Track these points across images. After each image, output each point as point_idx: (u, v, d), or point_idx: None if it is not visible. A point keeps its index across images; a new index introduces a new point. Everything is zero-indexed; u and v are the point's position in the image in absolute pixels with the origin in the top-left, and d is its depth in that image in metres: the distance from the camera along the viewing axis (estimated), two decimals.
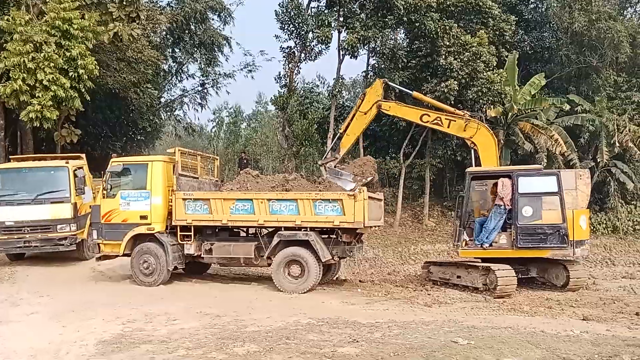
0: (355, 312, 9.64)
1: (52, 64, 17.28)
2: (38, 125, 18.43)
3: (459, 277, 12.84)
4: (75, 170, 14.48)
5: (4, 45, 17.88)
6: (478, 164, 14.00)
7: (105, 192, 12.49)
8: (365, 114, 14.56)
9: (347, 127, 14.95)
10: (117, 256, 12.62)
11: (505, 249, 12.52)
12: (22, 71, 17.19)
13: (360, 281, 14.33)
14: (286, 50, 26.94)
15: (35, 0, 18.79)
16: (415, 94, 16.00)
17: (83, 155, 16.26)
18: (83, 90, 18.60)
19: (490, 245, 12.54)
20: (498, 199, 12.50)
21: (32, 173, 14.68)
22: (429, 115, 14.46)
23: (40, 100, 17.37)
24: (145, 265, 12.13)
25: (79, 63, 17.88)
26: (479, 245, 12.64)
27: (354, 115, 14.82)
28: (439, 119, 14.31)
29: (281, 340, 7.43)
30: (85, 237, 14.38)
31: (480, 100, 21.17)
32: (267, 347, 7.06)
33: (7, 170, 15.13)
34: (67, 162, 14.61)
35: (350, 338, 7.53)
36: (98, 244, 12.55)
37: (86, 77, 18.34)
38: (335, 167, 14.11)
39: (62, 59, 17.55)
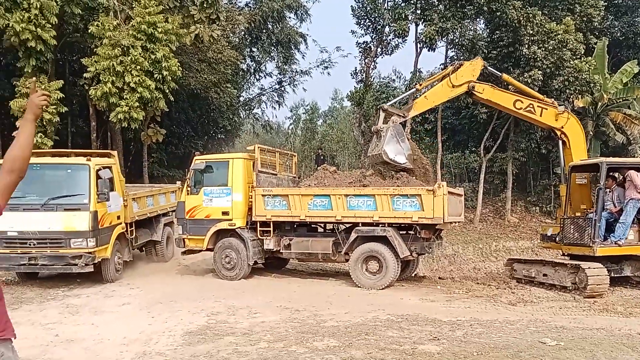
0: (435, 309, 9.45)
1: (138, 67, 18.12)
2: (126, 125, 19.43)
3: (545, 275, 12.29)
4: (100, 170, 11.44)
5: (95, 50, 18.91)
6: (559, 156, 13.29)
7: (189, 188, 12.90)
8: (454, 87, 13.47)
9: (427, 88, 14.03)
10: (200, 251, 13.04)
11: (635, 245, 11.79)
12: (111, 74, 18.13)
13: (439, 278, 14.05)
14: (362, 46, 26.89)
15: (122, 6, 19.73)
16: (505, 76, 14.85)
17: (114, 153, 13.63)
18: (167, 91, 19.39)
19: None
20: (635, 192, 11.74)
21: (44, 171, 11.53)
22: (522, 102, 13.57)
23: (127, 101, 18.27)
24: (227, 260, 12.46)
25: (163, 65, 18.65)
26: (615, 242, 11.76)
27: (441, 79, 13.68)
28: (531, 106, 13.50)
29: (360, 335, 7.41)
30: (108, 256, 11.62)
31: (567, 90, 20.22)
32: (346, 342, 7.06)
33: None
34: (88, 159, 11.61)
35: (431, 335, 7.39)
36: (183, 239, 12.99)
37: (170, 79, 19.11)
38: (400, 124, 13.10)
39: (148, 62, 18.36)
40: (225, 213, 12.56)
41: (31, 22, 17.34)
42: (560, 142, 13.73)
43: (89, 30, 19.06)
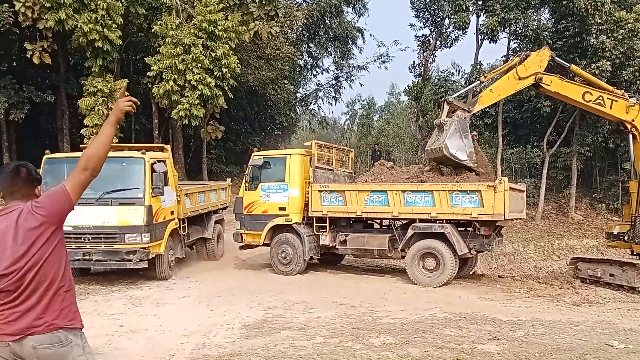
0: (494, 308, 9.24)
1: (199, 65, 18.56)
2: (187, 122, 19.94)
3: (612, 275, 11.80)
4: (154, 164, 11.21)
5: (157, 49, 19.50)
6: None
7: (247, 184, 13.09)
8: (520, 79, 13.00)
9: (491, 80, 13.63)
10: (257, 246, 13.23)
11: None
12: (173, 72, 18.65)
13: (499, 276, 13.72)
14: (421, 39, 26.59)
15: (184, 5, 20.25)
16: (573, 67, 14.09)
17: (168, 147, 13.42)
18: (226, 89, 19.77)
19: None
20: None
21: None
22: (591, 94, 12.97)
23: (188, 99, 18.75)
24: (283, 255, 12.60)
25: (222, 62, 19.03)
26: None
27: (506, 71, 13.29)
28: (601, 98, 12.89)
29: (417, 333, 7.33)
30: (162, 252, 11.40)
31: (638, 82, 19.23)
32: (402, 339, 7.00)
33: (67, 160, 11.67)
34: (143, 153, 11.38)
35: (490, 335, 7.23)
36: (241, 234, 13.21)
37: (229, 76, 19.48)
38: (465, 119, 12.61)
39: (208, 60, 18.77)
40: (282, 209, 12.68)
41: (98, 22, 18.05)
42: (630, 135, 13.08)
43: (153, 30, 19.67)
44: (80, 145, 14.76)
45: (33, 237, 2.80)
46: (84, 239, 10.67)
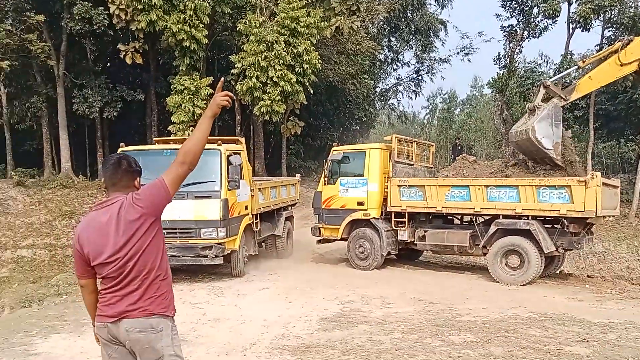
0: (583, 309, 8.80)
1: (281, 61, 18.88)
2: (268, 118, 20.36)
3: None
4: (230, 156, 10.83)
5: (241, 46, 20.02)
6: None
7: (326, 179, 13.20)
8: (622, 66, 12.04)
9: (590, 66, 12.81)
10: (335, 240, 13.31)
11: None
12: (256, 69, 19.09)
13: (588, 276, 13.03)
14: (507, 29, 25.73)
15: (268, 2, 20.67)
16: None
17: (242, 140, 12.98)
18: (307, 84, 19.98)
19: None
20: None
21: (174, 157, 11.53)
22: None
23: (270, 95, 19.13)
24: (360, 250, 12.60)
25: (304, 59, 19.26)
26: None
27: (606, 58, 12.38)
28: None
29: (499, 332, 7.13)
30: (236, 248, 11.06)
31: None
32: (484, 338, 6.83)
33: (144, 152, 11.24)
34: (219, 144, 10.89)
35: (579, 337, 6.90)
36: (319, 228, 13.33)
37: (310, 72, 19.69)
38: (560, 107, 11.99)
39: (290, 56, 19.05)
40: (360, 203, 12.69)
41: (186, 22, 18.81)
42: None
43: (237, 28, 20.23)
44: (154, 139, 14.67)
45: (133, 228, 2.93)
46: None
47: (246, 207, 11.71)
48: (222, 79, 3.97)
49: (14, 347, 6.73)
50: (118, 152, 9.93)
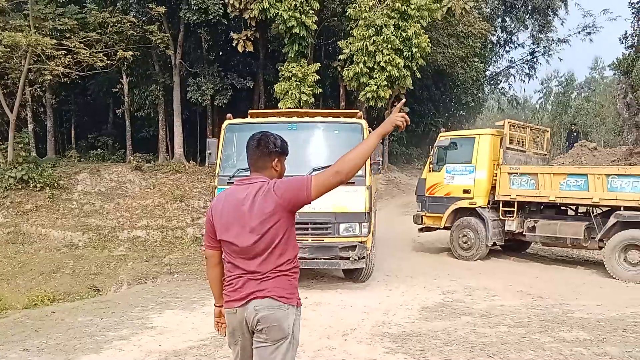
0: None
1: (389, 46, 18.68)
2: (372, 104, 20.27)
3: None
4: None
5: (350, 32, 20.05)
6: None
7: (431, 165, 12.95)
8: None
9: None
10: (437, 229, 13.05)
11: None
12: (364, 54, 19.04)
13: None
14: (636, 6, 23.70)
15: None
16: None
17: (361, 113, 9.83)
18: (415, 69, 19.64)
19: None
20: None
21: (304, 132, 9.00)
22: None
23: (377, 80, 19.02)
24: (464, 240, 12.28)
25: (413, 42, 18.91)
26: None
27: None
28: None
29: (616, 331, 6.67)
30: (368, 247, 8.98)
31: None
32: (598, 336, 6.43)
33: (248, 126, 9.00)
34: (359, 117, 9.14)
35: None
36: (421, 215, 13.14)
37: (419, 56, 19.33)
38: None
39: (399, 40, 18.79)
40: (466, 191, 12.34)
41: (297, 9, 19.14)
42: None
43: (347, 13, 20.27)
44: (249, 112, 10.59)
45: (266, 215, 2.92)
46: None
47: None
48: (404, 100, 3.79)
49: (133, 320, 7.31)
50: (225, 123, 9.01)
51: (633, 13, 24.32)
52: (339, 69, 21.10)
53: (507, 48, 37.03)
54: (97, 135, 28.17)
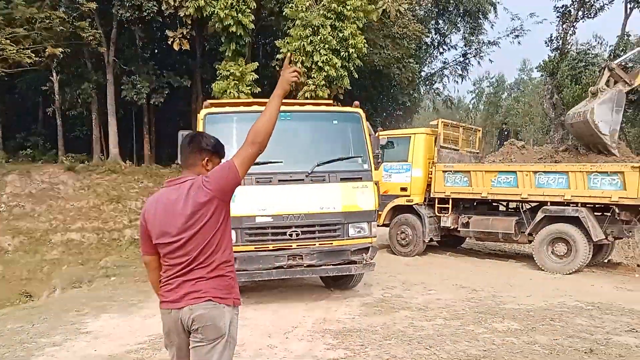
0: (633, 299, 8.54)
1: (326, 46, 18.79)
2: None
3: None
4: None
5: (287, 31, 20.05)
6: None
7: None
8: None
9: None
10: (377, 226, 13.21)
11: None
12: (301, 54, 19.06)
13: (638, 265, 12.61)
14: (561, 10, 24.91)
15: None
16: None
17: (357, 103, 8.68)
18: (352, 69, 19.85)
19: None
20: None
21: (299, 123, 8.02)
22: None
23: (314, 80, 19.10)
24: (402, 236, 12.57)
25: (350, 43, 19.09)
26: None
27: None
28: None
29: (544, 320, 7.02)
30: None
31: None
32: (528, 326, 6.75)
33: (253, 115, 7.21)
34: (356, 106, 8.35)
35: (628, 327, 6.73)
36: None
37: (355, 56, 19.53)
38: (624, 93, 11.62)
39: (335, 40, 18.94)
40: (403, 189, 12.62)
41: (233, 8, 18.94)
42: None
43: (284, 13, 20.24)
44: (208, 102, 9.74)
45: (199, 212, 2.90)
46: (291, 234, 7.39)
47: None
48: (289, 53, 3.85)
49: (66, 325, 7.06)
50: (203, 112, 7.74)
51: (558, 17, 25.55)
52: (278, 68, 21.04)
53: (441, 50, 38.06)
54: (27, 135, 26.89)
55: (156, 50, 26.64)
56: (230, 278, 3.07)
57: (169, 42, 21.27)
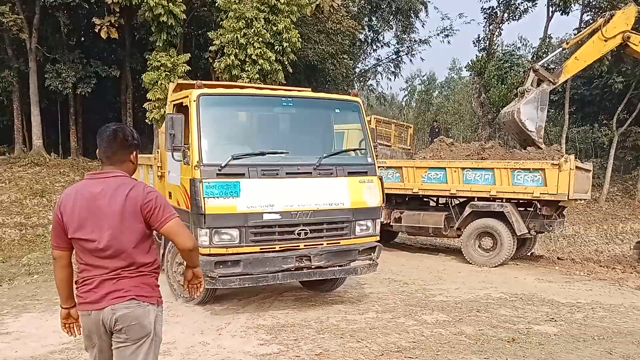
0: (552, 290, 9.02)
1: (260, 39, 18.63)
2: None
3: None
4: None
5: (220, 23, 19.72)
6: None
7: None
8: (606, 41, 12.44)
9: (576, 48, 13.16)
10: None
11: None
12: (235, 47, 18.81)
13: (558, 258, 13.35)
14: (488, 11, 25.80)
15: None
16: None
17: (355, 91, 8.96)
18: (286, 63, 19.79)
19: None
20: None
21: (300, 110, 7.39)
22: None
23: (249, 74, 18.91)
24: None
25: (283, 37, 19.01)
26: None
27: (590, 35, 12.75)
28: None
29: (471, 312, 7.29)
30: None
31: None
32: (456, 317, 6.98)
33: (249, 99, 7.31)
34: (355, 95, 7.93)
35: (548, 316, 7.10)
36: None
37: (289, 50, 19.48)
38: (549, 92, 12.42)
39: (269, 34, 18.81)
40: None
41: None
42: None
43: (216, 4, 19.88)
44: (219, 82, 9.43)
45: (127, 215, 2.81)
46: (299, 233, 6.69)
47: None
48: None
49: None
50: (195, 93, 6.63)
51: (485, 18, 26.48)
52: (211, 60, 20.68)
53: (374, 47, 38.57)
54: None
55: (83, 38, 25.48)
56: (153, 277, 3.00)
57: (96, 30, 20.42)
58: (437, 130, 25.47)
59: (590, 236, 18.10)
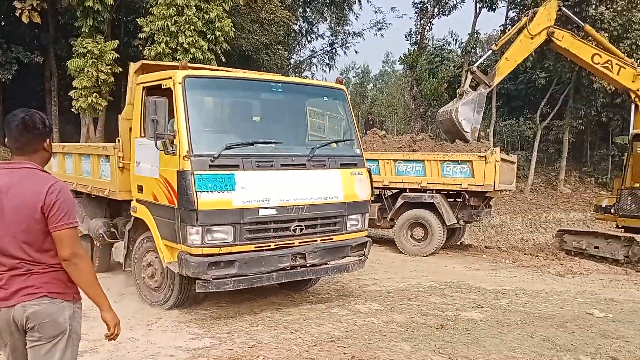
0: (479, 277, 9.38)
1: (192, 27, 18.20)
2: None
3: (596, 247, 11.98)
4: None
5: (150, 10, 19.12)
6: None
7: None
8: (533, 38, 12.98)
9: (504, 47, 13.72)
10: None
11: None
12: (165, 35, 18.30)
13: (485, 247, 13.90)
14: (419, 6, 26.29)
15: None
16: (587, 27, 14.25)
17: (342, 82, 8.23)
18: (219, 53, 19.46)
19: None
20: None
21: (286, 96, 6.89)
22: (600, 57, 13.05)
23: (181, 63, 18.46)
24: None
25: (216, 25, 18.67)
26: None
27: (517, 34, 13.26)
28: (609, 62, 12.97)
29: (402, 300, 7.45)
30: None
31: (634, 55, 19.22)
32: (388, 306, 7.11)
33: (237, 82, 6.71)
34: (339, 81, 7.63)
35: (475, 303, 7.36)
36: None
37: (222, 39, 19.15)
38: (484, 95, 12.86)
39: (201, 22, 18.42)
40: None
41: None
42: (633, 105, 13.15)
43: None
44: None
45: (30, 211, 2.66)
46: (294, 229, 6.26)
47: None
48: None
49: None
50: (180, 74, 6.02)
51: (416, 12, 26.99)
52: (141, 48, 20.03)
53: (309, 38, 38.61)
54: None
55: (3, 22, 24.06)
56: (65, 273, 2.83)
57: (17, 14, 19.32)
58: (371, 122, 25.82)
59: (516, 225, 18.93)
